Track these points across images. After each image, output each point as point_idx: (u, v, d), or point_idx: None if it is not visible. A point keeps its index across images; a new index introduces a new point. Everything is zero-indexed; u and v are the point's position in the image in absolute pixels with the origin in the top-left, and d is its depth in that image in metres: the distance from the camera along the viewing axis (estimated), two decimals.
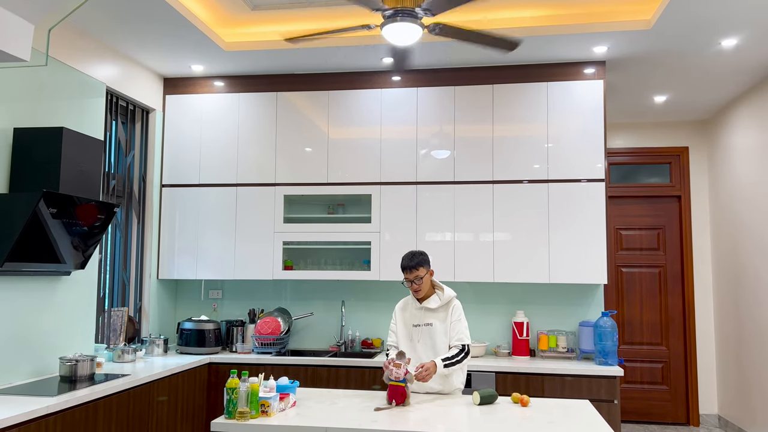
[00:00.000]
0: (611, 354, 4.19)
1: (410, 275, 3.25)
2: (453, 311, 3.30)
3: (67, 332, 3.80)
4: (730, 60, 4.47)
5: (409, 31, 3.10)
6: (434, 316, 3.31)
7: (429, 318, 3.32)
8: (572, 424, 2.62)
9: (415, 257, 3.26)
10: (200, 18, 4.06)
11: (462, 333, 3.27)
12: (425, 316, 3.33)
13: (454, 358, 3.18)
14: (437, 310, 3.32)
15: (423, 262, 3.25)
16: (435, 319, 3.31)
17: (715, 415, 6.06)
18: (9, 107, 3.38)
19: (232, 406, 2.69)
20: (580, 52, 4.35)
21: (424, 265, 3.25)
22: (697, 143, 6.27)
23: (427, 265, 3.27)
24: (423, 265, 3.25)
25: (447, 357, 3.17)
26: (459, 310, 3.32)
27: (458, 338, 3.25)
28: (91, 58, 4.07)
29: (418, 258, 3.26)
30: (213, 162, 4.89)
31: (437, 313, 3.32)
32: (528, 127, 4.56)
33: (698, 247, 6.18)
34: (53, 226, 3.27)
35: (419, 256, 3.27)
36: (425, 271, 3.26)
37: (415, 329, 3.34)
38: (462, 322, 3.30)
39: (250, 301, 5.06)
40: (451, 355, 3.19)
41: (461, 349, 3.22)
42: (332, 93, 4.81)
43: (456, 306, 3.32)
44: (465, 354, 3.22)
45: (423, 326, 3.32)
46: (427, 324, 3.31)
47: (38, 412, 2.76)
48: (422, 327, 3.32)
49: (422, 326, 3.32)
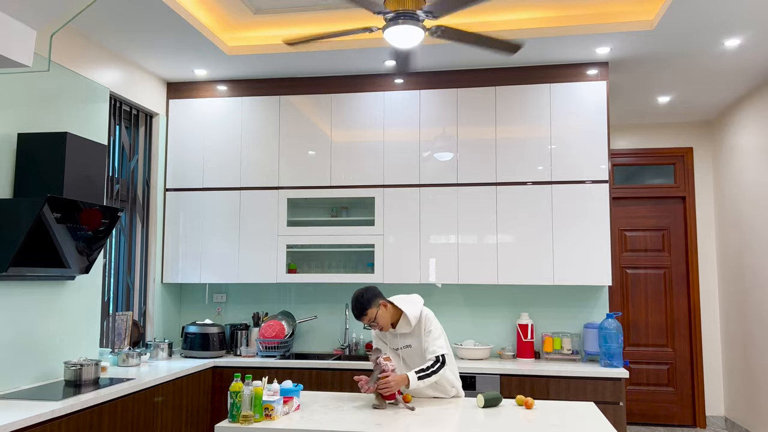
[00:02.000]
0: (616, 356, 4.18)
1: (364, 320, 3.13)
2: (424, 325, 3.16)
3: (72, 337, 3.81)
4: (733, 60, 4.45)
5: (410, 33, 3.10)
6: (410, 338, 3.21)
7: (406, 340, 3.22)
8: (577, 427, 2.61)
9: (357, 304, 3.11)
10: (203, 22, 4.07)
11: (434, 345, 3.12)
12: (402, 340, 3.23)
13: (428, 370, 3.04)
14: (411, 332, 3.20)
15: (367, 303, 3.11)
16: (411, 339, 3.20)
17: (721, 417, 6.02)
18: (13, 113, 3.40)
19: (236, 409, 2.69)
20: (583, 53, 4.34)
21: (370, 307, 3.11)
22: (702, 144, 6.25)
23: (375, 303, 3.11)
24: (369, 307, 3.11)
25: (421, 368, 3.04)
26: (429, 321, 3.17)
27: (431, 350, 3.11)
28: (94, 64, 4.09)
29: (360, 304, 3.11)
30: (216, 166, 4.90)
31: (413, 335, 3.21)
32: (531, 129, 4.55)
33: (703, 248, 6.16)
34: (57, 231, 3.28)
35: (361, 299, 3.11)
36: (375, 310, 3.12)
37: (398, 352, 3.26)
38: (433, 333, 3.15)
39: (254, 305, 5.07)
40: (425, 367, 3.05)
41: (435, 359, 3.08)
42: (335, 96, 4.81)
43: (425, 318, 3.18)
44: (441, 364, 3.07)
45: (403, 349, 3.24)
46: (406, 347, 3.23)
47: (44, 417, 2.76)
48: (402, 350, 3.25)
49: (402, 349, 3.24)
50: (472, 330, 4.78)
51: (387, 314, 3.15)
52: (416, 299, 3.24)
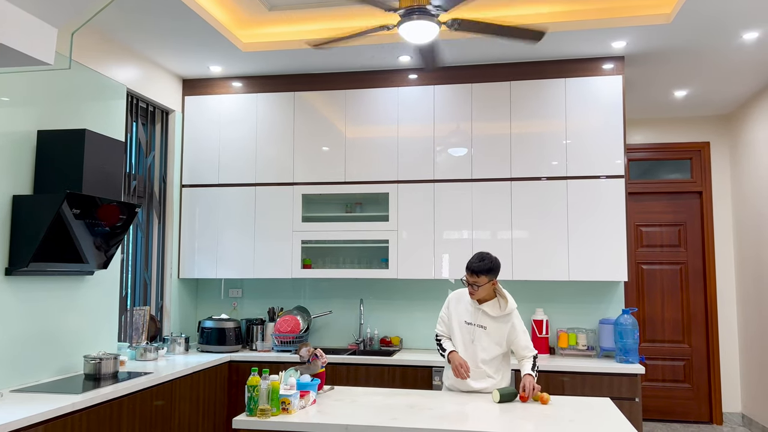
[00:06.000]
0: (632, 352, 4.16)
1: (471, 278, 3.16)
2: (515, 323, 3.23)
3: (91, 331, 3.86)
4: (751, 53, 4.40)
5: (425, 28, 3.10)
6: (490, 321, 3.23)
7: (484, 320, 3.23)
8: (593, 422, 2.61)
9: (482, 263, 3.13)
10: (218, 19, 4.09)
11: (530, 342, 3.25)
12: (480, 318, 3.24)
13: (534, 368, 3.17)
14: (495, 317, 3.23)
15: (488, 271, 3.13)
16: (490, 323, 3.23)
17: (738, 414, 5.98)
18: (33, 110, 3.45)
19: (253, 403, 2.71)
20: (599, 47, 4.31)
21: (488, 275, 3.13)
22: (719, 138, 6.18)
23: (492, 275, 3.15)
24: (487, 275, 3.13)
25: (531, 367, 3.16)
26: (520, 321, 3.27)
27: (528, 348, 3.23)
28: (111, 61, 4.13)
29: (485, 265, 3.13)
30: (232, 162, 4.93)
31: (494, 320, 3.23)
32: (546, 124, 4.53)
33: (720, 243, 6.10)
34: (76, 227, 3.32)
35: (488, 263, 3.14)
36: (487, 280, 3.14)
37: (467, 326, 3.26)
38: (527, 334, 3.27)
39: (270, 300, 5.10)
40: (532, 365, 3.17)
41: (534, 357, 3.22)
42: (349, 92, 4.82)
43: (517, 317, 3.26)
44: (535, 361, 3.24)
45: (476, 326, 3.24)
46: (480, 326, 3.23)
47: (64, 410, 2.81)
48: (475, 327, 3.24)
49: (475, 326, 3.24)
50: None
51: (491, 289, 3.22)
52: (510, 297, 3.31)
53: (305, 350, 3.18)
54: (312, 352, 3.18)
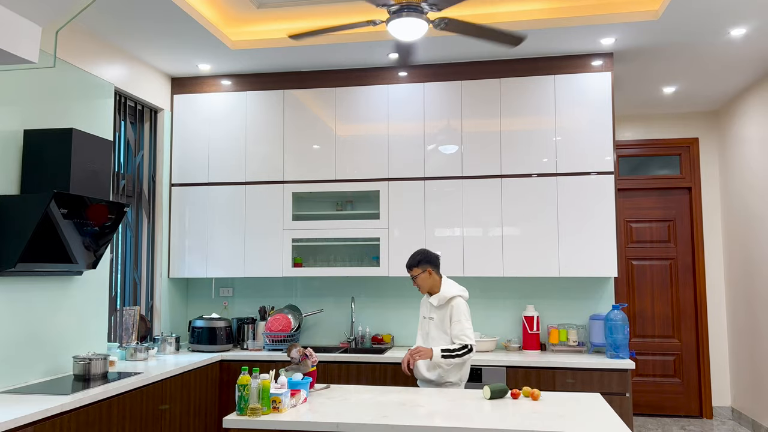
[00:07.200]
0: (622, 347, 4.18)
1: (409, 273, 3.48)
2: (452, 313, 3.35)
3: (80, 331, 3.83)
4: (739, 49, 4.43)
5: (414, 26, 3.10)
6: (435, 311, 3.46)
7: (431, 312, 3.50)
8: (584, 418, 2.62)
9: (412, 257, 3.46)
10: (206, 17, 4.07)
11: (462, 333, 3.31)
12: (429, 309, 3.52)
13: (453, 351, 3.25)
14: (437, 307, 3.45)
15: (418, 263, 3.42)
16: (436, 313, 3.45)
17: (728, 408, 6.02)
18: (19, 109, 3.41)
19: (244, 402, 2.70)
20: (588, 44, 4.32)
21: (419, 266, 3.42)
22: (708, 134, 6.22)
23: (422, 266, 3.42)
24: (416, 266, 3.43)
25: (447, 348, 3.26)
26: (459, 311, 3.34)
27: (461, 337, 3.30)
28: (99, 59, 4.10)
29: (414, 258, 3.45)
30: (221, 161, 4.91)
31: (438, 310, 3.44)
32: (536, 121, 4.54)
33: (709, 238, 6.14)
34: (65, 227, 3.30)
35: (417, 256, 3.45)
36: (420, 270, 3.43)
37: (424, 320, 3.56)
38: (461, 324, 3.32)
39: (261, 299, 5.09)
40: (452, 348, 3.26)
41: (464, 346, 3.28)
42: (339, 90, 4.81)
43: (455, 306, 3.36)
44: (467, 351, 3.28)
45: (428, 319, 3.51)
46: (430, 317, 3.48)
47: (53, 411, 2.79)
48: (428, 319, 3.50)
49: (427, 319, 3.52)
50: (477, 322, 4.78)
51: (428, 281, 3.45)
52: (459, 289, 3.45)
53: (295, 351, 3.19)
54: (302, 351, 3.18)
